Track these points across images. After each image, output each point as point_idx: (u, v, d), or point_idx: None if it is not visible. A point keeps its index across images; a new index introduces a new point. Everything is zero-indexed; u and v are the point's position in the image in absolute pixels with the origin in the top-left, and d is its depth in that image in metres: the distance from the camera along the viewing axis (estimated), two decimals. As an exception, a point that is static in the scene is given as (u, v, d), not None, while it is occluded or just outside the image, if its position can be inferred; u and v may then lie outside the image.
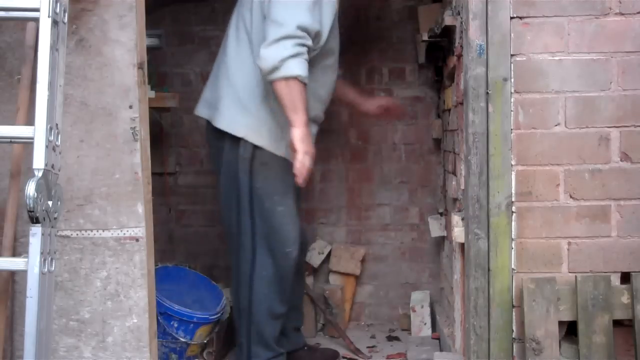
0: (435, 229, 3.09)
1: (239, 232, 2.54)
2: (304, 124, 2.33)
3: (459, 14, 2.23)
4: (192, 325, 2.70)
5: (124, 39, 1.90)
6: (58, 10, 1.66)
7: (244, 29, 2.48)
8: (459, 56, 2.24)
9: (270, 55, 2.27)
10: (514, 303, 2.07)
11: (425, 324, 3.07)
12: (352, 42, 3.49)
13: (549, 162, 2.05)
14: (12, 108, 1.83)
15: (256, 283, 2.53)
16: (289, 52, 2.25)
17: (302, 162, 2.32)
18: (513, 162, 2.05)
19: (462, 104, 2.21)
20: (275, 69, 2.26)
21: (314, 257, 3.34)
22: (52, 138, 1.63)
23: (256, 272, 2.53)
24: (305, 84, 2.30)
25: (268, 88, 2.39)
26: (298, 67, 2.27)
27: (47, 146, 1.60)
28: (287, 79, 2.27)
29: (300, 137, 2.32)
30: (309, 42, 2.30)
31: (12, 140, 1.69)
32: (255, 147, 2.46)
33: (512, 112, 2.03)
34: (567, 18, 2.02)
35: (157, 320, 2.25)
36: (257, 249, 2.52)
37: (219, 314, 2.79)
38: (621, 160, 2.04)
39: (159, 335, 2.39)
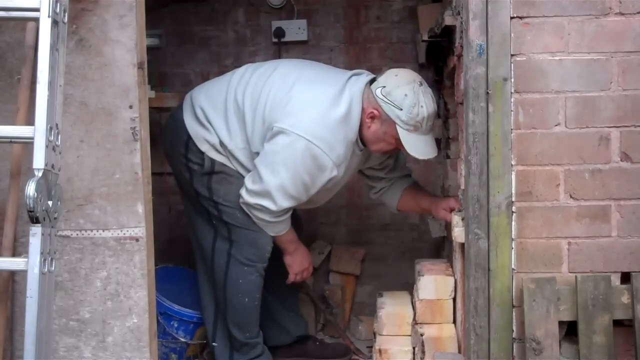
0: (436, 229, 3.09)
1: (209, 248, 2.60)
2: (291, 252, 2.64)
3: (459, 14, 2.23)
4: (192, 325, 2.70)
5: (124, 39, 1.90)
6: (58, 10, 1.66)
7: (254, 109, 2.46)
8: (459, 56, 2.24)
9: (251, 206, 2.44)
10: (514, 303, 2.07)
11: (425, 324, 3.07)
12: (352, 42, 3.51)
13: (549, 162, 2.04)
14: (12, 108, 1.83)
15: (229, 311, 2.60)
16: (267, 218, 2.45)
17: (291, 277, 2.69)
18: (513, 162, 2.05)
19: (462, 104, 2.21)
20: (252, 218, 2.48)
21: (314, 257, 3.34)
22: (52, 138, 1.63)
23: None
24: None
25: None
26: (274, 231, 2.51)
27: (47, 146, 1.60)
28: None
29: (289, 264, 2.66)
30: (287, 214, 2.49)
31: (12, 140, 1.69)
32: (214, 162, 2.50)
33: (512, 112, 2.03)
34: (567, 18, 2.02)
35: (157, 320, 2.26)
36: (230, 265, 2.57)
37: (219, 314, 2.78)
38: (621, 160, 2.04)
39: (159, 335, 2.39)
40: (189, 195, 2.62)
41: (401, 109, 2.34)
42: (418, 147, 2.38)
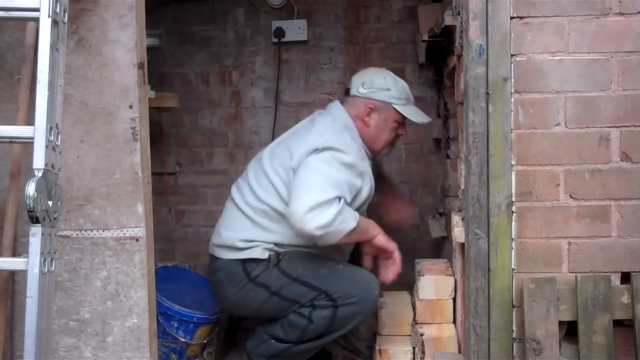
0: (436, 229, 3.09)
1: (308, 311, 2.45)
2: (379, 233, 2.47)
3: (459, 14, 2.23)
4: (192, 325, 2.70)
5: (124, 39, 1.90)
6: (58, 10, 1.66)
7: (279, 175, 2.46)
8: (459, 56, 2.24)
9: (311, 213, 2.23)
10: (514, 303, 2.07)
11: (425, 324, 3.06)
12: (352, 42, 3.51)
13: (549, 162, 2.05)
14: (12, 108, 1.83)
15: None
16: (331, 215, 2.23)
17: (397, 256, 2.50)
18: (513, 162, 2.05)
19: (462, 104, 2.21)
20: (330, 231, 2.27)
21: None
22: (52, 138, 1.63)
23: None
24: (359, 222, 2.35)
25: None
26: (348, 226, 2.28)
27: (47, 146, 1.60)
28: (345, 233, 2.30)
29: (386, 240, 2.48)
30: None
31: (12, 140, 1.69)
32: (277, 254, 2.46)
33: (512, 112, 2.03)
34: (567, 18, 2.02)
35: (157, 320, 2.25)
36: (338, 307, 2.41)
37: (219, 314, 2.79)
38: (621, 160, 2.04)
39: (159, 335, 2.39)
40: (270, 307, 2.48)
41: (389, 89, 2.55)
42: (418, 115, 2.60)
